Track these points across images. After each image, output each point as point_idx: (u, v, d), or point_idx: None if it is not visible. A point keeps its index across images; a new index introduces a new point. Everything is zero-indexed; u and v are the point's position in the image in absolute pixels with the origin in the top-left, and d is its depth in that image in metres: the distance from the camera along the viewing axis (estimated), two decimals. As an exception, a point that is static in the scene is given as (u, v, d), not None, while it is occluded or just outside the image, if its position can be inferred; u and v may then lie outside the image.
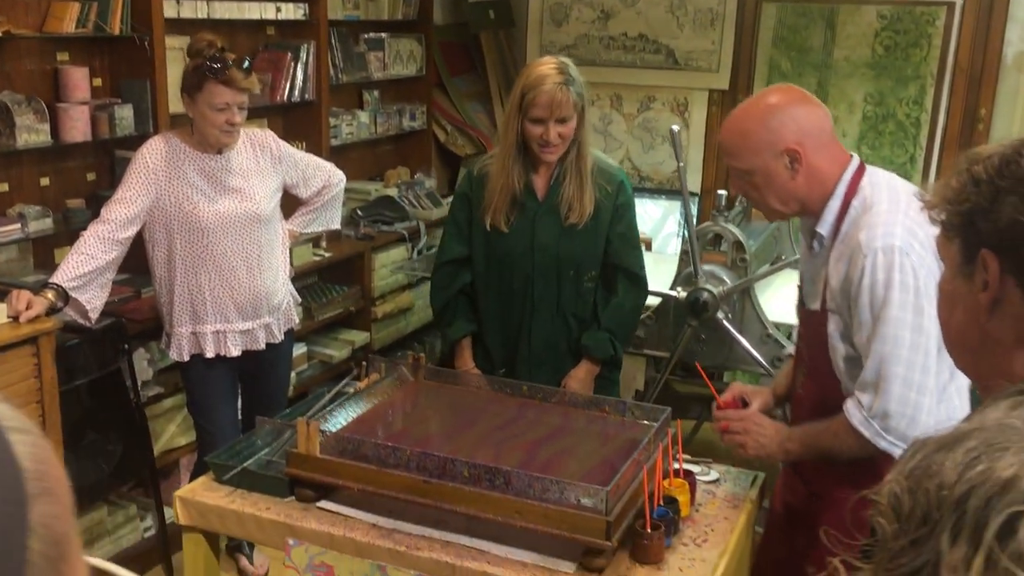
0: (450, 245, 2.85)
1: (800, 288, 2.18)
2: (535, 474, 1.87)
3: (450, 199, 5.17)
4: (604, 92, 5.17)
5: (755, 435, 2.06)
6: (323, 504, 2.05)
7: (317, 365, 4.29)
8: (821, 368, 2.05)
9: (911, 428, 1.88)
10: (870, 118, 4.61)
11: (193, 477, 3.23)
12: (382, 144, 5.13)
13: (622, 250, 2.78)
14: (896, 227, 1.88)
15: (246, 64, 2.79)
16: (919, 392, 1.89)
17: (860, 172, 1.99)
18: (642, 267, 2.83)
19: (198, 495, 2.09)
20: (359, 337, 4.46)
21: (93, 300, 2.79)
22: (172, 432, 3.49)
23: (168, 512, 3.40)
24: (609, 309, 2.78)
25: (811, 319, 2.06)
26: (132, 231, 2.83)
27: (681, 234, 4.64)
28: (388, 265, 4.58)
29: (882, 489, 0.62)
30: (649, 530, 1.88)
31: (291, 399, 4.14)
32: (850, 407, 1.93)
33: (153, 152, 2.85)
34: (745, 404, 2.19)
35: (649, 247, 4.48)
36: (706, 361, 3.17)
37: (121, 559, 3.32)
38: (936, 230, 1.11)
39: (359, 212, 4.61)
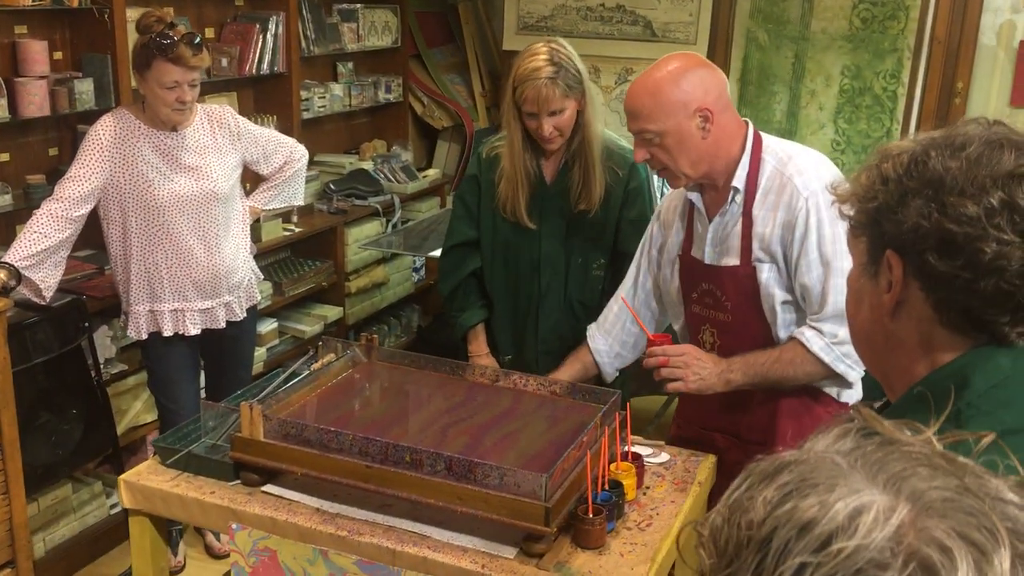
0: (459, 228, 2.78)
1: (687, 257, 2.20)
2: (475, 459, 1.86)
3: (427, 172, 5.15)
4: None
5: (695, 368, 2.08)
6: (268, 488, 2.04)
7: (289, 341, 4.27)
8: (745, 320, 2.11)
9: None
10: (847, 91, 4.57)
11: (155, 455, 3.24)
12: (357, 117, 5.08)
13: (632, 237, 2.59)
14: (824, 170, 2.03)
15: (197, 40, 2.75)
16: None
17: (758, 135, 2.10)
18: None
19: (143, 479, 2.08)
20: (332, 312, 4.44)
21: (47, 279, 2.77)
22: (138, 409, 3.48)
23: (134, 489, 3.40)
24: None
25: (731, 275, 2.10)
26: (86, 209, 2.81)
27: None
28: (361, 240, 4.55)
29: (707, 519, 0.60)
30: (591, 515, 1.87)
31: (261, 374, 4.14)
32: (808, 336, 2.03)
33: (106, 129, 2.81)
34: (674, 337, 2.24)
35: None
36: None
37: (87, 536, 3.33)
38: (844, 224, 1.10)
39: (332, 186, 4.57)
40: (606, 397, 2.20)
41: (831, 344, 2.00)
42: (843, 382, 2.09)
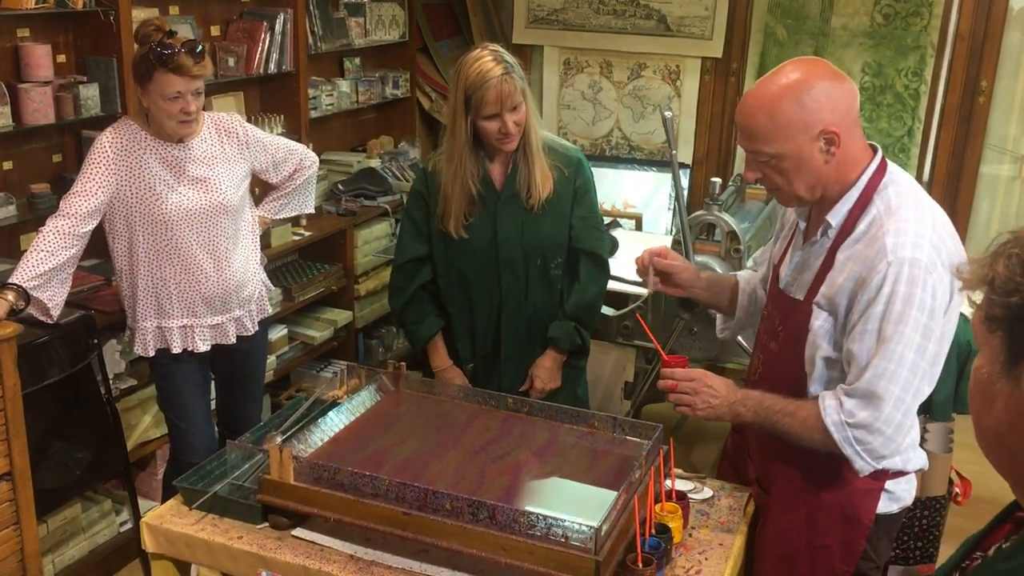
0: (408, 244, 2.75)
1: (776, 268, 2.08)
2: (520, 508, 1.77)
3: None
4: (594, 59, 5.00)
5: (705, 396, 1.98)
6: (298, 532, 1.95)
7: (299, 347, 4.17)
8: (789, 357, 1.98)
9: (885, 447, 1.86)
10: (868, 89, 4.47)
11: (166, 476, 3.14)
12: (364, 113, 4.96)
13: (584, 233, 2.70)
14: (924, 240, 1.79)
15: (199, 48, 2.62)
16: (905, 414, 1.85)
17: (882, 168, 1.89)
18: (604, 249, 2.77)
19: (166, 521, 1.98)
20: (342, 316, 4.34)
21: (54, 297, 2.66)
22: (147, 423, 3.38)
23: (144, 505, 3.31)
24: (573, 296, 2.72)
25: (792, 307, 1.97)
26: (93, 224, 2.70)
27: (672, 207, 4.52)
28: (371, 241, 4.44)
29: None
30: (640, 566, 1.79)
31: (272, 383, 4.05)
32: (828, 405, 1.88)
33: (111, 141, 2.70)
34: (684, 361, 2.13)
35: (639, 225, 4.35)
36: (698, 354, 3.07)
37: (97, 555, 3.24)
38: (968, 303, 0.99)
39: (340, 187, 4.46)
40: (648, 432, 2.11)
41: (846, 423, 1.84)
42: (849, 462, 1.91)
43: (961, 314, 3.05)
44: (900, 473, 1.97)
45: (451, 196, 2.60)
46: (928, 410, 2.87)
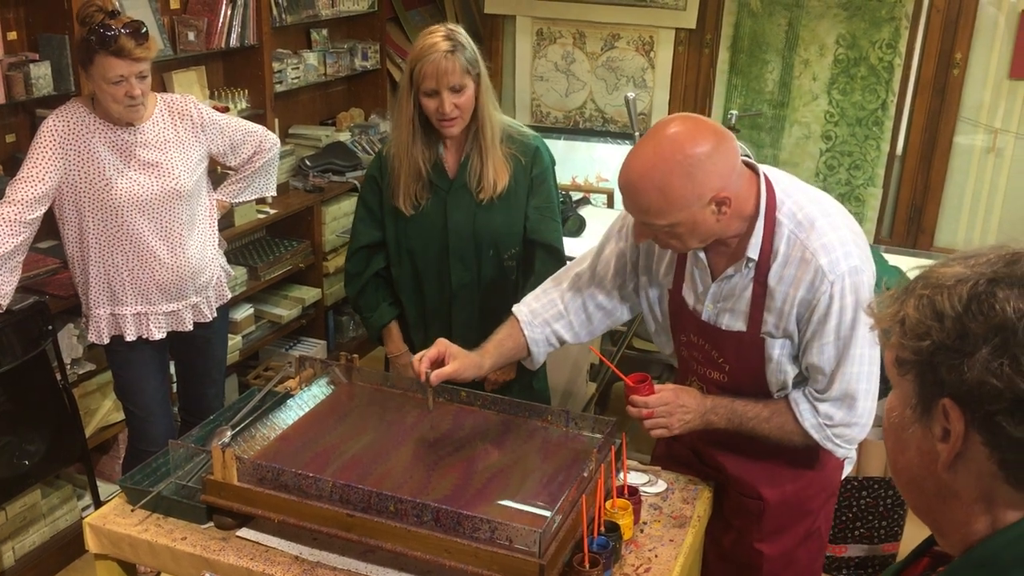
0: (362, 230, 2.70)
1: (678, 296, 2.03)
2: (464, 512, 1.74)
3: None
4: (567, 29, 4.92)
5: (679, 416, 1.99)
6: (243, 533, 1.92)
7: (266, 326, 4.13)
8: (743, 382, 2.00)
9: (862, 433, 2.00)
10: (842, 62, 4.41)
11: (125, 464, 3.11)
12: (333, 86, 4.88)
13: (540, 224, 2.63)
14: (850, 246, 1.85)
15: (143, 30, 2.55)
16: (874, 400, 1.97)
17: (770, 187, 1.87)
18: (560, 240, 2.69)
19: (109, 523, 1.95)
20: (310, 294, 4.30)
21: (3, 286, 2.61)
22: (107, 408, 3.34)
23: (105, 489, 3.28)
24: (528, 289, 2.56)
25: (735, 340, 1.96)
26: (41, 211, 2.64)
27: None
28: (340, 218, 4.38)
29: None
30: (587, 567, 1.76)
31: (239, 363, 4.00)
32: (803, 409, 1.96)
33: (58, 125, 2.63)
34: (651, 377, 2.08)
35: (611, 201, 4.30)
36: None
37: (59, 540, 3.21)
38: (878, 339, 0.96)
39: (308, 162, 4.39)
40: (602, 427, 2.08)
41: (824, 424, 1.94)
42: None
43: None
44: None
45: (398, 171, 2.55)
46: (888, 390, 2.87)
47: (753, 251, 1.86)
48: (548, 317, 2.18)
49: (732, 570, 2.18)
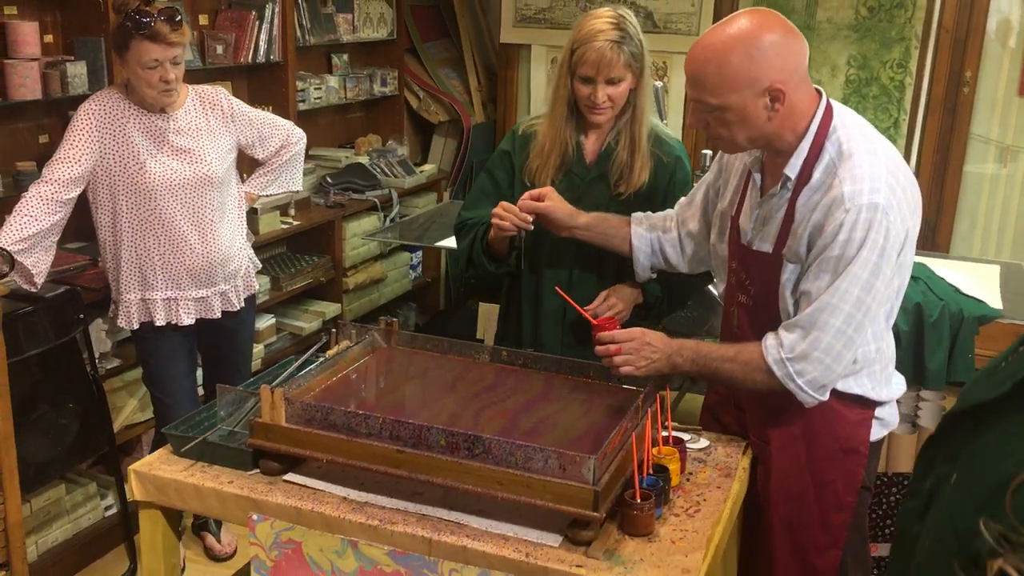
0: (481, 203, 2.51)
1: (734, 220, 2.06)
2: (517, 442, 1.74)
3: (424, 167, 5.03)
4: (581, 56, 5.01)
5: (646, 353, 1.99)
6: (290, 477, 1.91)
7: (286, 338, 4.14)
8: (763, 308, 1.99)
9: (825, 375, 1.88)
10: (853, 82, 4.50)
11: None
12: (352, 110, 4.96)
13: None
14: (881, 183, 1.81)
15: (179, 18, 2.62)
16: (846, 346, 1.86)
17: (828, 113, 1.89)
18: None
19: (154, 468, 1.94)
20: (330, 308, 4.32)
21: (38, 264, 2.63)
22: (133, 407, 3.33)
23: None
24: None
25: (760, 261, 1.97)
26: (76, 191, 2.67)
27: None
28: (359, 234, 4.42)
29: None
30: (639, 500, 1.76)
31: (259, 371, 3.99)
32: (769, 344, 1.91)
33: (93, 110, 2.68)
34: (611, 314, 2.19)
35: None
36: (693, 328, 3.05)
37: (81, 539, 3.17)
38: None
39: (329, 179, 4.45)
40: (644, 380, 2.08)
41: (787, 359, 1.86)
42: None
43: (952, 285, 3.06)
44: (886, 401, 2.04)
45: (548, 150, 2.43)
46: (922, 379, 2.86)
47: (792, 170, 1.87)
48: (657, 224, 2.30)
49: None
